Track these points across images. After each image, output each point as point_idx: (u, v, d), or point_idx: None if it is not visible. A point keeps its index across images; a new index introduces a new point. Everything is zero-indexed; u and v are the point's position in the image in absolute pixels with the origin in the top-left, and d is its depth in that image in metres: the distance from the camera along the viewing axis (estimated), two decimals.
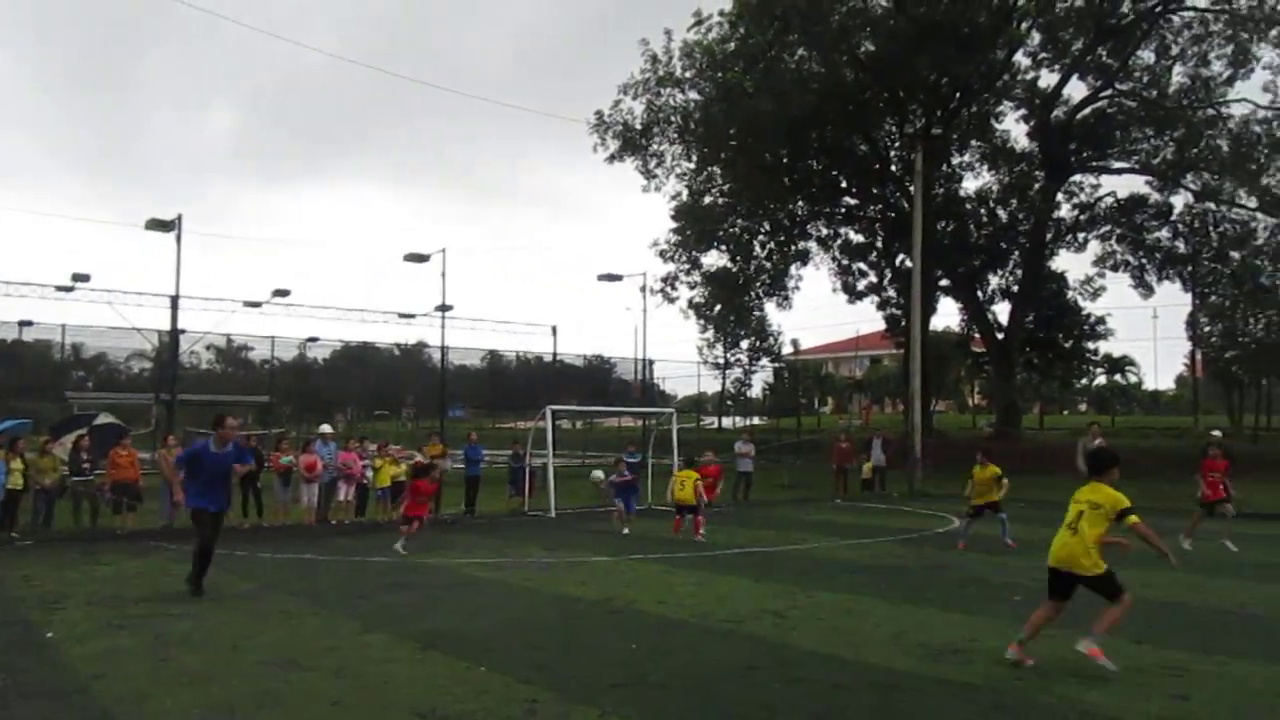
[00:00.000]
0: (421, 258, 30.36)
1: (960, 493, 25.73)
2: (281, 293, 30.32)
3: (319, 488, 18.02)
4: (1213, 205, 35.95)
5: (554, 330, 35.98)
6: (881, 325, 45.05)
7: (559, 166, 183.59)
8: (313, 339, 33.28)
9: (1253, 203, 34.46)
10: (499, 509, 20.76)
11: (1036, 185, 38.17)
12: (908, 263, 32.98)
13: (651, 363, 39.13)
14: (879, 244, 41.63)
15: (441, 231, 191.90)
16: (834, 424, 54.58)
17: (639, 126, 36.89)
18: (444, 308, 31.13)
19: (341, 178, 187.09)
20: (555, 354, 36.23)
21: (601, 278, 35.88)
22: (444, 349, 32.26)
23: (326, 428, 20.05)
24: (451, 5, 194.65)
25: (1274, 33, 32.19)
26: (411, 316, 33.57)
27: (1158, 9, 33.76)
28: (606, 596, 10.33)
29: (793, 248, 41.44)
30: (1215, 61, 34.25)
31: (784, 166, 37.65)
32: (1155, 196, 37.58)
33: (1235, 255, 35.92)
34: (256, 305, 31.02)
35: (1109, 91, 36.64)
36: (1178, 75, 35.39)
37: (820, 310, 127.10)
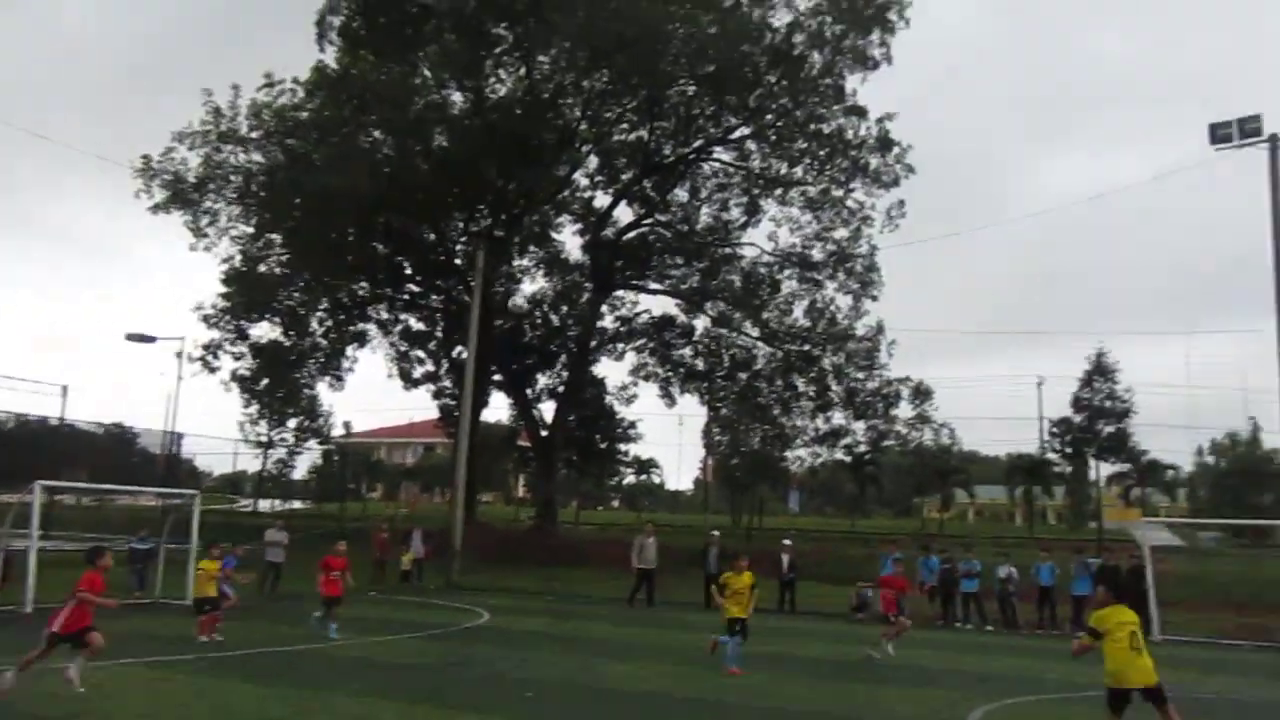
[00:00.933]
0: None
1: (495, 584, 26.65)
2: None
3: None
4: (726, 331, 41.39)
5: (64, 390, 31.54)
6: (436, 414, 45.44)
7: (96, 209, 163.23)
8: None
9: (755, 332, 40.27)
10: None
11: (585, 296, 41.38)
12: (464, 355, 33.77)
13: (181, 436, 35.94)
14: (439, 334, 42.24)
15: None
16: (381, 511, 53.43)
17: (192, 180, 34.29)
18: None
19: None
20: (63, 418, 31.60)
21: (131, 338, 32.42)
22: None
23: None
24: None
25: (778, 192, 38.58)
26: None
27: (692, 156, 38.88)
28: (74, 713, 8.91)
29: (351, 328, 40.63)
30: (734, 209, 40.10)
31: (349, 245, 36.91)
32: (682, 318, 42.36)
33: (742, 376, 41.50)
34: None
35: (650, 220, 41.17)
36: (705, 215, 40.84)
37: (377, 392, 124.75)
